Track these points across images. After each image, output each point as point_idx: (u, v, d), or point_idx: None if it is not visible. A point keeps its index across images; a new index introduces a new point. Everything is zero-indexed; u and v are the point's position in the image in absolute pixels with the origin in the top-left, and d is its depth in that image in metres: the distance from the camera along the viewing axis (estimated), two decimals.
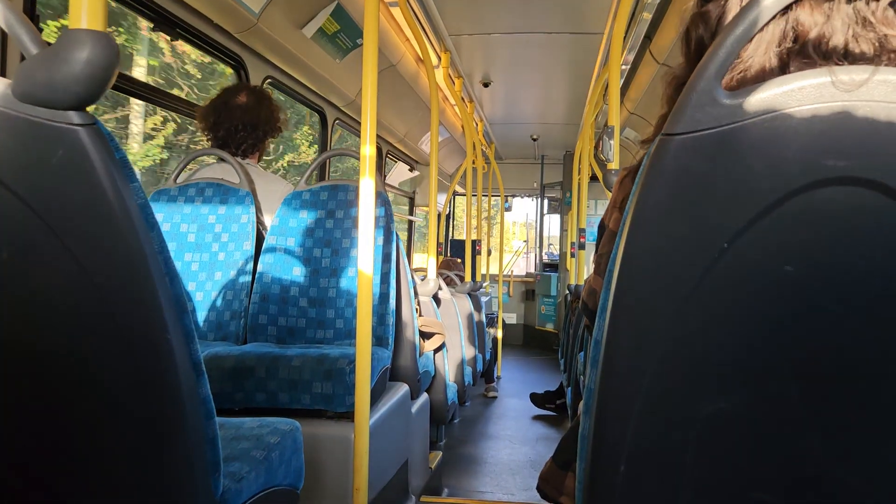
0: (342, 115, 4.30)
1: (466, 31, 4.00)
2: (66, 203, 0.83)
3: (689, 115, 0.64)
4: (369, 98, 1.72)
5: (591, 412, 0.76)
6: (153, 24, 2.44)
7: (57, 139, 0.79)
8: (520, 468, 3.25)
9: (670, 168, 0.66)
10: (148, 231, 0.86)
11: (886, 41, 0.71)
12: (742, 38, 0.63)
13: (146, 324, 0.88)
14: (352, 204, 2.35)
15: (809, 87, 0.61)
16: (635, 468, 0.72)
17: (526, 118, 6.54)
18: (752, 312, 0.67)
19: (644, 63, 4.00)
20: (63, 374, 0.92)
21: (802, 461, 0.69)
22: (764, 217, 0.64)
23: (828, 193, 0.62)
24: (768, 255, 0.65)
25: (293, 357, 1.84)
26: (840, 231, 0.63)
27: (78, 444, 0.96)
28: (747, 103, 0.63)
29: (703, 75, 0.64)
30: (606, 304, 0.73)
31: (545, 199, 8.61)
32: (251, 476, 1.14)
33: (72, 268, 0.84)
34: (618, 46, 2.50)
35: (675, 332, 0.68)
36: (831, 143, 0.61)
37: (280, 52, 3.10)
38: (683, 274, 0.66)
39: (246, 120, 2.45)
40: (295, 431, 1.36)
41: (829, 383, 0.67)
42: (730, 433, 0.70)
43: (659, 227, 0.67)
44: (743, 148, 0.63)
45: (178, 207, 2.40)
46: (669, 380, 0.69)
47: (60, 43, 0.76)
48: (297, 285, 2.31)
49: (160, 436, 0.94)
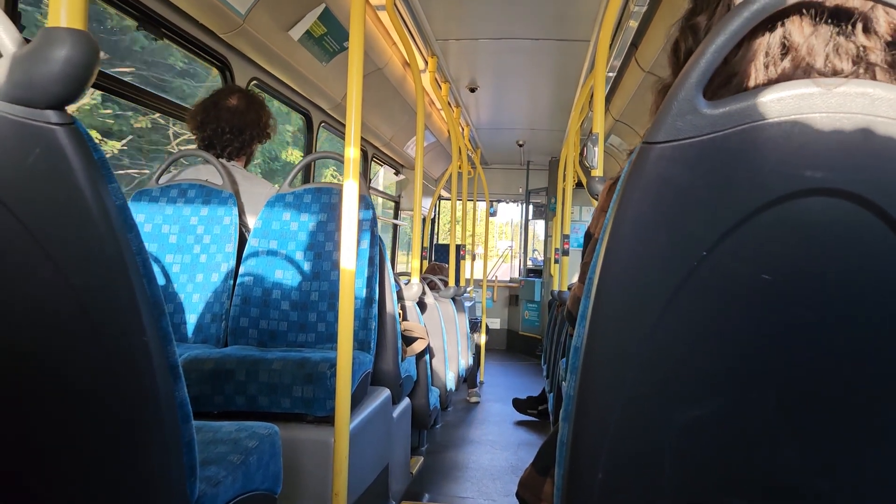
0: (328, 119, 4.29)
1: (454, 35, 4.01)
2: (42, 203, 0.82)
3: (669, 124, 0.65)
4: (354, 101, 1.71)
5: (569, 419, 0.76)
6: (137, 23, 2.42)
7: (34, 138, 0.78)
8: (501, 474, 3.25)
9: (650, 177, 0.66)
10: (126, 232, 0.86)
11: (866, 54, 0.72)
12: (723, 48, 0.63)
13: (123, 326, 0.87)
14: (335, 207, 2.34)
15: (789, 97, 0.62)
16: (613, 475, 0.72)
17: (512, 124, 6.56)
18: (730, 321, 0.67)
19: (630, 71, 4.02)
20: (38, 375, 0.91)
21: (779, 469, 0.69)
22: (742, 226, 0.64)
23: (806, 204, 0.63)
24: (746, 265, 0.65)
25: (274, 360, 1.82)
26: (817, 241, 0.64)
27: (52, 447, 0.95)
28: (728, 113, 0.63)
29: (685, 84, 0.64)
30: (586, 312, 0.73)
31: (530, 204, 8.63)
32: (228, 480, 1.13)
33: (48, 268, 0.83)
34: (603, 54, 2.52)
35: (653, 340, 0.68)
36: (810, 155, 0.62)
37: (266, 53, 3.08)
38: (662, 282, 0.67)
39: (233, 122, 2.43)
40: (273, 436, 1.35)
41: (805, 392, 0.67)
42: (707, 441, 0.70)
43: (638, 236, 0.67)
44: (723, 157, 0.64)
45: (159, 208, 2.38)
46: (647, 387, 0.70)
47: (39, 41, 0.76)
48: (279, 288, 2.29)
49: (135, 439, 0.93)
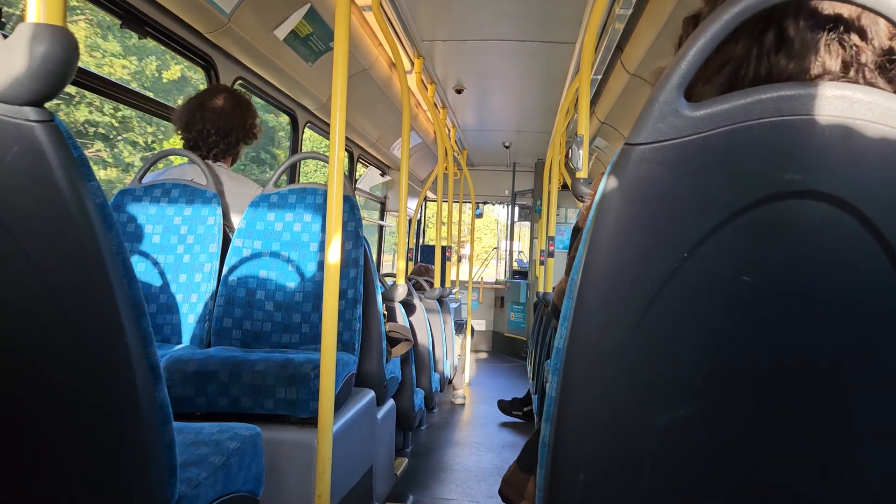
0: (313, 119, 4.28)
1: (440, 36, 4.01)
2: (20, 201, 0.81)
3: (650, 126, 0.65)
4: (339, 102, 1.71)
5: (551, 419, 0.76)
6: (120, 21, 2.40)
7: (12, 135, 0.77)
8: (485, 475, 3.25)
9: (631, 178, 0.66)
10: (106, 231, 0.85)
11: (857, 55, 0.72)
12: (703, 50, 0.64)
13: (102, 326, 0.87)
14: (320, 207, 2.34)
15: (769, 100, 0.62)
16: (595, 475, 0.72)
17: (498, 125, 6.57)
18: (710, 322, 0.67)
19: (615, 73, 4.04)
20: (15, 375, 0.90)
21: (759, 469, 0.70)
22: (723, 228, 0.64)
23: (785, 206, 0.63)
24: (727, 266, 0.65)
25: (257, 361, 1.81)
26: (797, 243, 0.64)
27: (31, 448, 0.94)
28: (709, 115, 0.64)
29: (666, 86, 0.64)
30: (568, 314, 0.73)
31: (516, 206, 8.65)
32: (209, 482, 1.12)
33: (25, 267, 0.82)
34: (589, 56, 2.52)
35: (634, 342, 0.68)
36: (789, 157, 0.62)
37: (251, 53, 3.07)
38: (642, 283, 0.67)
39: (219, 125, 2.40)
40: (255, 437, 1.34)
41: (784, 392, 0.68)
42: (688, 441, 0.70)
43: (619, 237, 0.67)
44: (703, 159, 0.64)
45: (142, 208, 2.36)
46: (628, 388, 0.70)
47: (17, 37, 0.75)
48: (263, 289, 2.28)
49: (115, 440, 0.92)
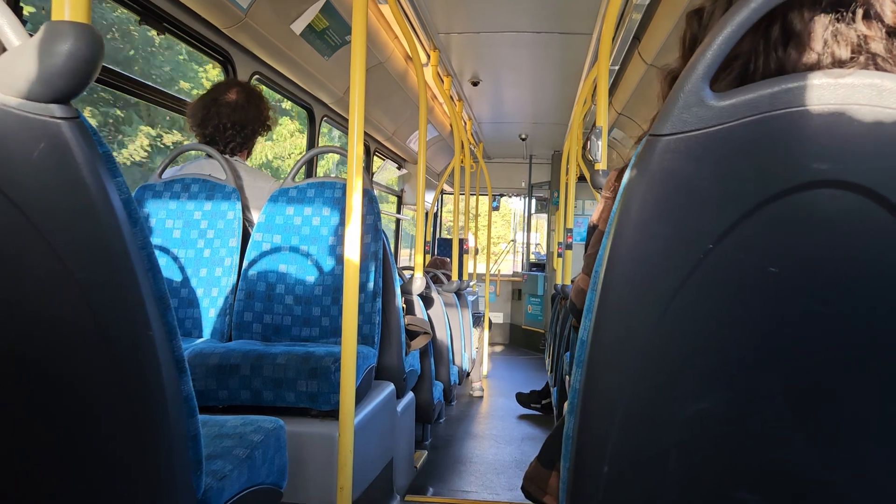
0: (330, 113, 4.28)
1: (456, 29, 3.99)
2: (47, 197, 0.82)
3: (675, 116, 0.64)
4: (357, 95, 1.71)
5: (575, 412, 0.76)
6: (140, 17, 2.42)
7: (39, 132, 0.78)
8: (505, 468, 3.25)
9: (656, 169, 0.66)
10: (131, 227, 0.85)
11: (866, 42, 0.71)
12: (730, 39, 0.63)
13: (128, 320, 0.87)
14: (339, 201, 2.34)
15: (796, 89, 0.61)
16: (619, 468, 0.72)
17: (514, 117, 6.54)
18: (736, 313, 0.67)
19: (632, 64, 4.01)
20: (43, 369, 0.91)
21: (786, 462, 0.69)
22: (749, 219, 0.64)
23: (812, 196, 0.62)
24: (752, 257, 0.65)
25: (278, 355, 1.83)
26: (824, 233, 0.64)
27: (58, 441, 0.95)
28: (734, 105, 0.63)
29: (691, 76, 0.64)
30: (592, 305, 0.72)
31: (533, 198, 8.62)
32: (234, 474, 1.14)
33: (53, 263, 0.83)
34: (606, 47, 2.50)
35: (659, 333, 0.68)
36: (817, 146, 0.62)
37: (268, 47, 3.08)
38: (668, 275, 0.67)
39: (235, 118, 2.42)
40: (279, 430, 1.35)
41: (812, 384, 0.67)
42: (713, 433, 0.70)
43: (643, 229, 0.67)
44: (729, 150, 0.63)
45: (163, 203, 2.38)
46: (653, 380, 0.69)
47: (43, 35, 0.75)
48: (282, 283, 2.29)
49: (141, 433, 0.93)
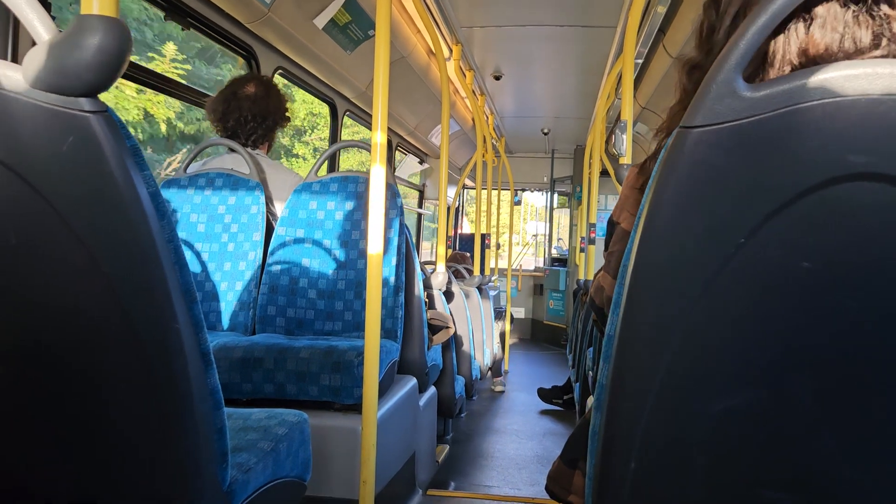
0: (352, 107, 4.29)
1: (478, 23, 3.98)
2: (76, 190, 0.82)
3: (707, 108, 0.63)
4: (381, 88, 1.71)
5: (602, 408, 0.75)
6: (165, 13, 2.44)
7: (68, 126, 0.79)
8: (526, 463, 3.24)
9: (687, 162, 0.65)
10: (158, 220, 0.86)
11: (889, 24, 0.70)
12: (764, 29, 0.62)
13: (155, 313, 0.88)
14: (361, 195, 2.35)
15: (833, 79, 0.60)
16: (646, 465, 0.72)
17: (537, 112, 6.51)
18: (768, 309, 0.66)
19: (657, 57, 3.96)
20: (70, 362, 0.92)
21: (815, 460, 0.68)
22: (782, 212, 0.62)
23: (848, 189, 0.61)
24: (785, 251, 0.64)
25: (301, 348, 1.84)
26: (860, 227, 0.62)
27: (86, 433, 0.96)
28: (767, 96, 0.62)
29: (724, 67, 0.62)
30: (620, 299, 0.72)
31: (555, 193, 8.58)
32: (259, 467, 1.14)
33: (81, 255, 0.84)
34: (632, 40, 2.48)
35: (689, 328, 0.67)
36: (853, 138, 0.60)
37: (291, 42, 3.09)
38: (698, 269, 0.65)
39: (255, 110, 2.44)
40: (303, 423, 1.36)
41: (843, 382, 0.66)
42: (742, 430, 0.69)
43: (674, 222, 0.66)
44: (762, 141, 0.62)
45: (188, 197, 2.40)
46: (682, 376, 0.68)
47: (72, 29, 0.76)
48: (306, 276, 2.30)
49: (168, 425, 0.94)
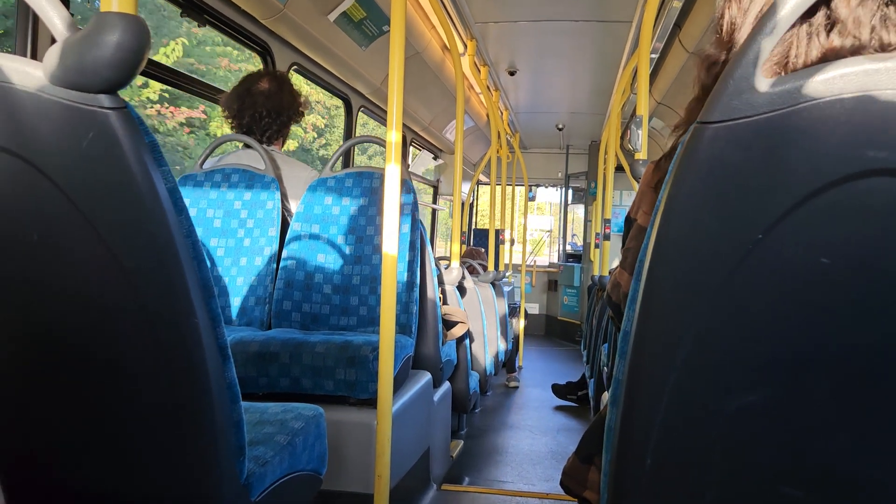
0: (367, 103, 4.30)
1: (493, 18, 3.97)
2: (95, 186, 0.83)
3: (725, 103, 0.63)
4: (396, 84, 1.71)
5: (618, 404, 0.75)
6: (181, 9, 2.46)
7: (87, 122, 0.79)
8: (541, 458, 3.24)
9: (704, 158, 0.64)
10: (177, 215, 0.87)
11: None
12: (783, 23, 0.61)
13: (174, 307, 0.89)
14: (376, 191, 2.35)
15: (852, 74, 0.59)
16: (661, 461, 0.71)
17: (551, 107, 6.49)
18: (786, 305, 0.65)
19: (673, 52, 3.94)
20: (90, 355, 0.93)
21: (832, 457, 0.68)
22: (800, 208, 0.62)
23: (867, 185, 0.60)
24: (803, 248, 0.63)
25: (317, 343, 1.85)
26: (879, 224, 0.61)
27: (105, 426, 0.98)
28: (786, 91, 0.61)
29: (742, 62, 0.62)
30: (636, 295, 0.71)
31: (570, 189, 8.55)
32: (275, 460, 1.15)
33: (101, 250, 0.85)
34: (647, 35, 2.46)
35: (706, 324, 0.67)
36: (873, 133, 0.60)
37: (306, 38, 3.10)
38: (715, 265, 0.65)
39: (270, 106, 2.45)
40: (318, 417, 1.37)
41: (861, 380, 0.65)
42: (759, 428, 0.69)
43: (691, 218, 0.66)
44: (780, 137, 0.62)
45: (204, 193, 2.41)
46: (699, 372, 0.68)
47: (91, 26, 0.77)
48: (321, 272, 2.31)
49: (186, 419, 0.95)
